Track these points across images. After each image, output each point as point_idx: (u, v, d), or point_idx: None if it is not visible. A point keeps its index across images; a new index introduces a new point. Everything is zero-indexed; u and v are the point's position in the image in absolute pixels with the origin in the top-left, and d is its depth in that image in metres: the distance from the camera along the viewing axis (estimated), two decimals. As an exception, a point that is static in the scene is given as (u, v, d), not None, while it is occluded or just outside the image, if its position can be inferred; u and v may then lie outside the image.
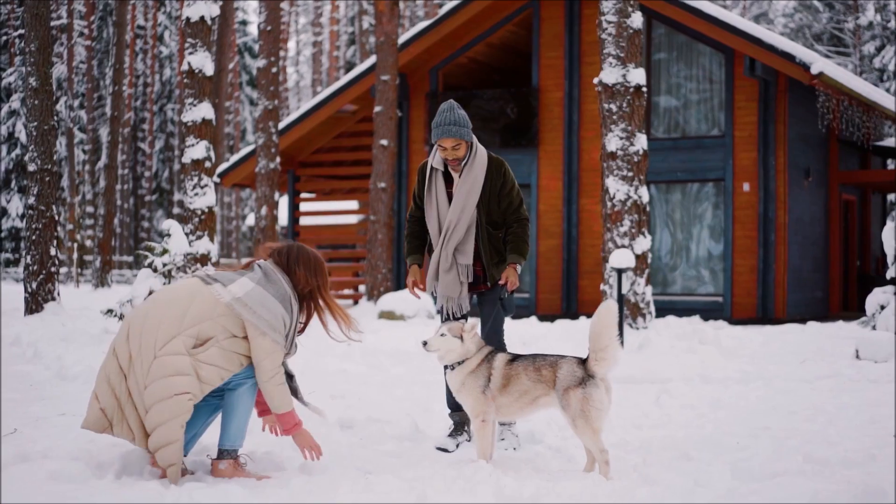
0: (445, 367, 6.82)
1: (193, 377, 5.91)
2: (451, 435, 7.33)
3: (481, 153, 7.37)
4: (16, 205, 45.40)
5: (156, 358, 5.89)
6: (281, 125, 25.98)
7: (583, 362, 6.46)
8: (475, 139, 7.38)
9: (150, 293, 13.67)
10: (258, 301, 6.07)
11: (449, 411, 7.46)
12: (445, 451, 7.14)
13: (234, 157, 28.02)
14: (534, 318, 20.13)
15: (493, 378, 6.59)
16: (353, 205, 31.67)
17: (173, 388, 5.85)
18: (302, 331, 6.46)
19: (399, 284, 24.74)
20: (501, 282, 7.34)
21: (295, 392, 6.38)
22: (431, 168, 7.45)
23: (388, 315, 20.48)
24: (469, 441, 7.28)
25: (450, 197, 7.43)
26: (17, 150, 43.84)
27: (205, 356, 5.96)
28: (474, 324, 6.71)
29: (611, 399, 6.45)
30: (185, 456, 6.19)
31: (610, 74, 14.99)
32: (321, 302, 6.44)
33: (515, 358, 6.67)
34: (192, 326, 5.97)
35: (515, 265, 7.37)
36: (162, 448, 5.83)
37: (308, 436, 6.26)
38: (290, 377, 6.39)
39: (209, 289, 6.11)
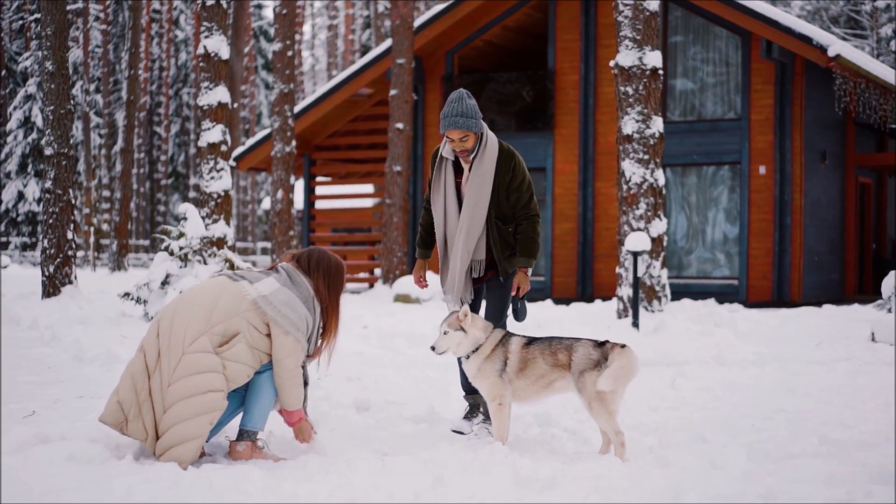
0: (459, 358, 6.84)
1: (221, 374, 5.96)
2: (466, 417, 7.34)
3: (492, 145, 7.22)
4: (32, 189, 45.57)
5: (184, 355, 5.94)
6: (296, 109, 25.98)
7: (599, 345, 6.48)
8: (486, 128, 7.25)
9: (167, 277, 13.73)
10: (283, 301, 6.14)
11: (463, 394, 7.46)
12: (461, 433, 7.16)
13: (250, 141, 28.07)
14: (549, 302, 20.13)
15: (510, 362, 6.60)
16: (368, 188, 31.67)
17: (204, 385, 5.90)
18: (320, 346, 6.52)
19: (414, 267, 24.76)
20: (513, 293, 7.30)
21: (303, 401, 6.41)
22: (442, 157, 7.36)
23: (403, 298, 20.52)
24: (484, 421, 7.26)
25: (458, 187, 7.34)
26: (34, 135, 43.99)
27: (230, 353, 6.01)
28: (466, 309, 6.67)
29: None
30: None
31: (626, 57, 14.96)
32: (334, 310, 6.52)
33: (531, 341, 6.67)
34: (218, 324, 6.02)
35: (526, 270, 7.31)
36: (181, 444, 5.85)
37: (307, 428, 6.31)
38: (305, 383, 6.41)
39: (236, 285, 6.17)
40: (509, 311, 7.40)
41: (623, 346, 6.47)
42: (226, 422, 6.32)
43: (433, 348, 6.66)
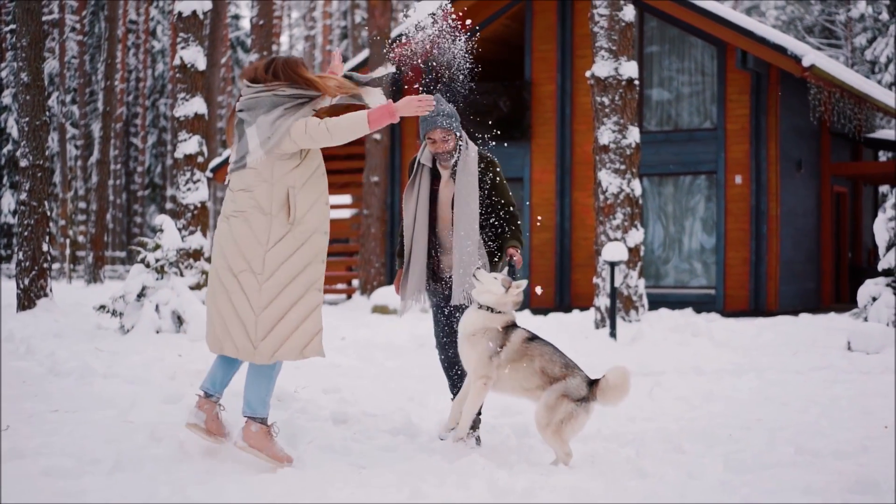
0: (456, 310, 6.86)
1: (314, 236, 6.20)
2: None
3: (473, 148, 7.26)
4: (7, 201, 45.33)
5: (266, 252, 6.10)
6: (273, 120, 25.89)
7: (591, 384, 6.49)
8: (465, 135, 7.27)
9: (143, 289, 13.66)
10: (264, 131, 6.16)
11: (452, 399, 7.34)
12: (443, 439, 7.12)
13: (227, 152, 27.99)
14: (527, 312, 20.14)
15: (507, 349, 6.55)
16: (346, 199, 31.62)
17: (303, 285, 6.14)
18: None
19: (392, 278, 24.74)
20: (511, 257, 7.19)
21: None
22: (419, 163, 7.34)
23: (381, 309, 20.48)
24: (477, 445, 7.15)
25: (433, 194, 7.31)
26: (9, 146, 43.76)
27: (301, 203, 6.16)
28: (521, 285, 6.63)
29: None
30: (220, 394, 6.37)
31: (602, 67, 15.00)
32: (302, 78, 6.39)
33: (533, 338, 6.65)
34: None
35: (517, 247, 7.22)
36: (311, 343, 6.15)
37: (411, 100, 6.30)
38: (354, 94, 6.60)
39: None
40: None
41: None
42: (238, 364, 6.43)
43: (479, 268, 6.69)
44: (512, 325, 6.67)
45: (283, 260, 6.10)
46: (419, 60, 7.54)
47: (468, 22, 7.94)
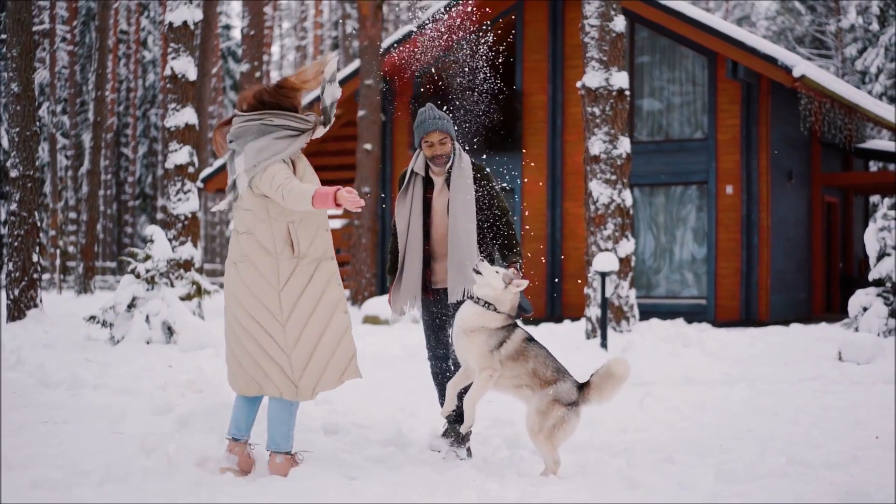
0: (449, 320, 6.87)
1: (321, 264, 6.24)
2: (444, 435, 7.24)
3: (466, 156, 7.30)
4: (-2, 211, 45.11)
5: (280, 293, 6.13)
6: (264, 130, 25.88)
7: (580, 388, 6.49)
8: (459, 147, 7.29)
9: (133, 300, 13.62)
10: (250, 158, 6.19)
11: (446, 422, 7.32)
12: (438, 451, 7.11)
13: (218, 162, 27.96)
14: (518, 321, 20.08)
15: (507, 346, 6.53)
16: (336, 210, 31.59)
17: (328, 309, 6.20)
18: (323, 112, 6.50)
19: (384, 289, 24.73)
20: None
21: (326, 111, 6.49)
22: (412, 172, 7.35)
23: (372, 320, 20.44)
24: (454, 444, 7.16)
25: (426, 202, 7.32)
26: (0, 156, 43.65)
27: (302, 238, 6.19)
28: (521, 284, 6.61)
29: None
30: (248, 435, 6.40)
31: (593, 78, 15.02)
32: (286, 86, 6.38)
33: (531, 339, 6.66)
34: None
35: (516, 264, 7.23)
36: (348, 367, 6.27)
37: (351, 193, 6.09)
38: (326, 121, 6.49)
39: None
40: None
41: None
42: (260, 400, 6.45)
43: (481, 261, 6.68)
44: (512, 325, 6.66)
45: (298, 295, 6.13)
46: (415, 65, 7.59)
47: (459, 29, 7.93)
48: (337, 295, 6.26)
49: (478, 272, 6.60)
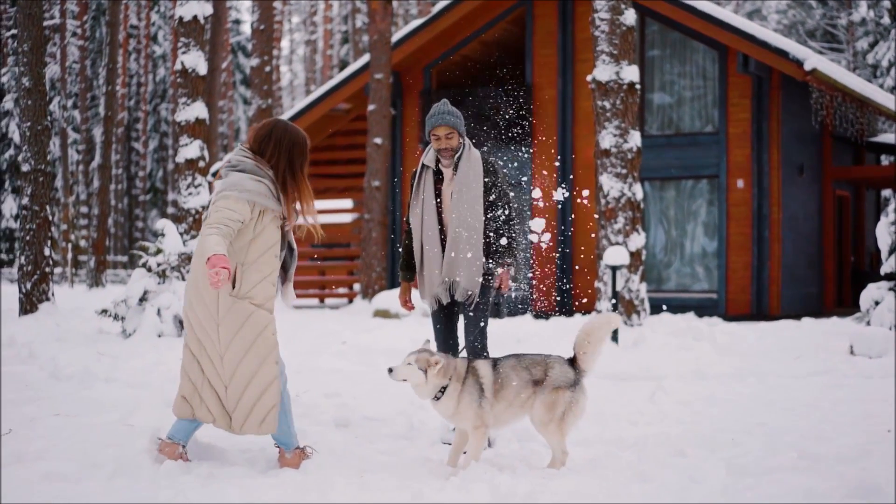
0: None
1: (259, 311, 6.12)
2: (455, 429, 7.24)
3: (475, 150, 7.36)
4: (10, 205, 45.31)
5: (218, 325, 6.06)
6: (275, 124, 25.87)
7: (570, 362, 6.48)
8: (468, 141, 7.35)
9: (145, 293, 13.66)
10: (222, 184, 6.14)
11: None
12: (448, 444, 7.12)
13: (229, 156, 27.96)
14: (528, 316, 20.12)
15: (486, 386, 6.42)
16: (347, 203, 31.62)
17: (259, 355, 6.12)
18: (291, 215, 6.34)
19: (393, 283, 24.73)
20: (496, 285, 7.30)
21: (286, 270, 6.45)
22: (422, 166, 7.42)
23: (382, 314, 20.47)
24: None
25: (438, 194, 7.37)
26: (11, 151, 43.75)
27: (246, 280, 6.09)
28: (443, 364, 6.35)
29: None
30: (186, 442, 6.31)
31: (603, 72, 15.00)
32: (291, 178, 6.26)
33: (496, 362, 6.57)
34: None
35: (509, 269, 7.33)
36: (266, 418, 6.13)
37: (217, 274, 5.74)
38: (290, 249, 6.45)
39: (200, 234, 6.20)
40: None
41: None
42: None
43: (390, 370, 6.37)
44: (471, 365, 6.50)
45: (232, 335, 6.07)
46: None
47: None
48: (271, 344, 6.15)
49: (391, 371, 6.39)
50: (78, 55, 52.57)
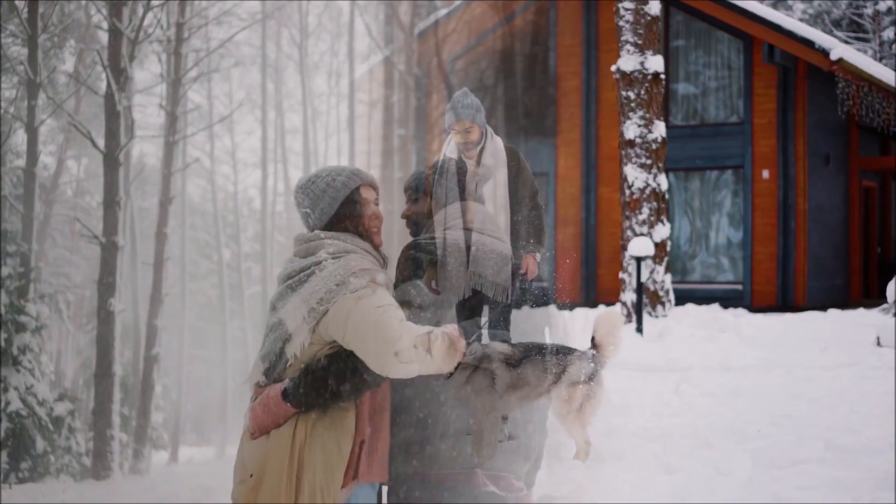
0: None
1: None
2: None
3: (498, 140, 7.31)
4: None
5: None
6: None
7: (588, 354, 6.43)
8: (490, 129, 7.30)
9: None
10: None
11: None
12: None
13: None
14: (553, 308, 20.07)
15: (499, 382, 6.28)
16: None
17: None
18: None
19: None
20: (522, 271, 7.27)
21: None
22: (445, 156, 7.37)
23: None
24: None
25: (461, 186, 7.33)
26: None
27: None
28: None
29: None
30: None
31: (627, 62, 14.94)
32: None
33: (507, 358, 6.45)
34: None
35: (535, 254, 7.30)
36: None
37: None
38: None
39: None
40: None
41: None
42: None
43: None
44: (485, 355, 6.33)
45: None
46: None
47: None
48: None
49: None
50: None
